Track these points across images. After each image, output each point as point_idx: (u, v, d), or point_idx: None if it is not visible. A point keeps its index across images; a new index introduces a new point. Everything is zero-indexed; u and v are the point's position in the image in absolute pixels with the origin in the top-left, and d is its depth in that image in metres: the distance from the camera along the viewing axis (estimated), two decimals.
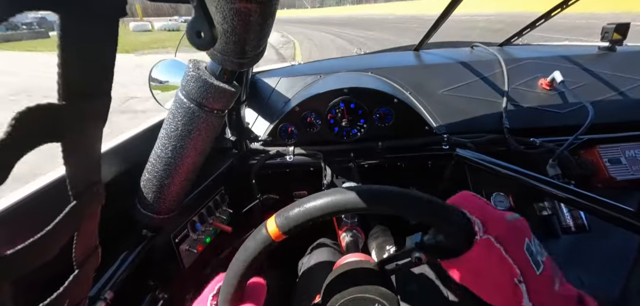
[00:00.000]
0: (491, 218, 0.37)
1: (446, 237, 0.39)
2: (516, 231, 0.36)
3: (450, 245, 0.39)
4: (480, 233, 0.36)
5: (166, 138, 0.56)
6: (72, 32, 0.20)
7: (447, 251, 0.39)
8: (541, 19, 1.24)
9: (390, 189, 0.36)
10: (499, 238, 0.35)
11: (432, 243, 0.41)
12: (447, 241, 0.39)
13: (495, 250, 0.35)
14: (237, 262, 0.40)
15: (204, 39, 0.35)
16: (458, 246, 0.38)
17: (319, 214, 0.37)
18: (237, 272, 0.40)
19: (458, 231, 0.37)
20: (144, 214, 0.62)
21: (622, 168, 0.89)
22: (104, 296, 0.54)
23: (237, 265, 0.40)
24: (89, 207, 0.30)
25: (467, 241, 0.37)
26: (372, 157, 1.08)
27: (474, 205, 0.39)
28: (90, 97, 0.23)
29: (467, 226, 0.37)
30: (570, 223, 0.86)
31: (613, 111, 1.03)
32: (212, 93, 0.52)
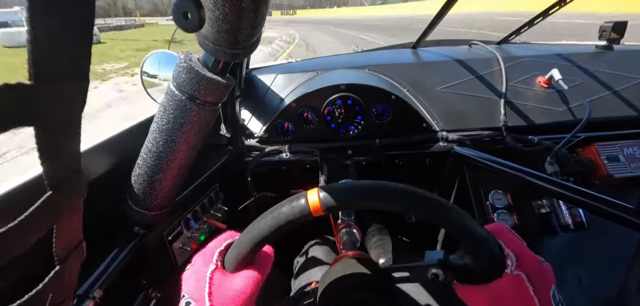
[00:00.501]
0: (525, 256, 0.37)
1: (476, 261, 0.39)
2: (546, 276, 0.37)
3: (478, 270, 0.38)
4: (512, 268, 0.36)
5: (157, 132, 0.55)
6: (43, 5, 0.18)
7: (472, 275, 0.39)
8: (539, 17, 1.23)
9: (439, 200, 0.36)
10: (530, 277, 0.35)
11: (458, 264, 0.41)
12: (475, 266, 0.39)
13: (524, 288, 0.35)
14: (261, 225, 0.38)
15: (191, 20, 0.34)
16: (486, 274, 0.37)
17: (366, 202, 0.36)
18: (259, 236, 0.38)
19: (492, 259, 0.37)
20: (136, 210, 0.60)
21: (620, 165, 0.88)
22: (93, 295, 0.52)
23: (260, 228, 0.38)
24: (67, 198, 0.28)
25: (497, 271, 0.36)
26: (369, 154, 1.07)
27: (509, 239, 0.39)
28: (64, 78, 0.22)
29: (501, 256, 0.37)
30: (568, 220, 0.85)
31: (611, 109, 1.02)
32: (204, 86, 0.50)
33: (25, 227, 0.24)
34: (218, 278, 0.39)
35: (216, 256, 0.40)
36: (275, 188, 1.18)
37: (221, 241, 0.43)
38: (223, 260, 0.41)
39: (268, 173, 1.11)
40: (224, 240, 0.43)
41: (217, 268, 0.40)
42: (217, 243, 0.43)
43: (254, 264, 0.41)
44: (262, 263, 0.43)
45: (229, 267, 0.40)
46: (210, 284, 0.38)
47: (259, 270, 0.42)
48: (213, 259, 0.40)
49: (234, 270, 0.40)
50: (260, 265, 0.43)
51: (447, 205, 0.36)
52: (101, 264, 0.57)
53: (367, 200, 0.36)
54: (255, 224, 0.39)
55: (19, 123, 0.20)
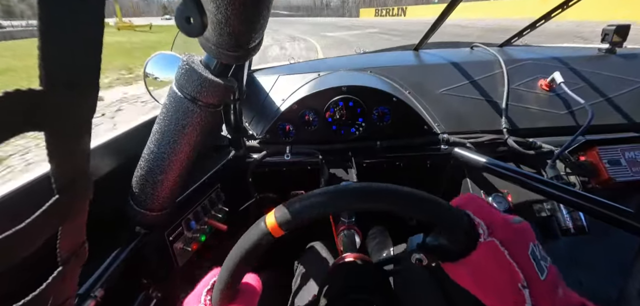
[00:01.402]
0: (496, 221, 0.37)
1: (449, 239, 0.39)
2: (521, 236, 0.36)
3: (453, 246, 0.38)
4: (485, 236, 0.36)
5: (159, 134, 0.55)
6: (54, 12, 0.19)
7: (449, 253, 0.39)
8: (541, 20, 1.23)
9: (393, 187, 0.36)
10: (504, 241, 0.35)
11: (435, 245, 0.41)
12: (449, 243, 0.39)
13: (499, 253, 0.34)
14: (232, 256, 0.39)
15: (194, 25, 0.34)
16: (461, 248, 0.37)
17: (319, 211, 0.36)
18: (232, 267, 0.39)
19: (461, 233, 0.36)
20: (137, 211, 0.60)
21: (621, 169, 0.88)
22: (94, 294, 0.53)
23: (232, 260, 0.39)
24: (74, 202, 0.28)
25: (470, 243, 0.36)
26: (370, 156, 1.07)
27: (478, 207, 0.38)
28: (74, 84, 0.22)
29: (471, 227, 0.36)
30: (569, 224, 0.85)
31: (613, 112, 1.02)
32: (206, 88, 0.51)
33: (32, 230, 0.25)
34: None
35: (204, 296, 0.42)
36: (276, 189, 1.19)
37: (208, 280, 0.44)
38: (212, 299, 0.42)
39: (269, 175, 1.11)
40: (210, 278, 0.44)
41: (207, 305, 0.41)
42: (204, 284, 0.44)
43: (240, 296, 0.43)
44: (250, 291, 0.44)
45: (217, 304, 0.41)
46: None
47: (248, 298, 0.43)
48: (201, 299, 0.41)
49: (226, 303, 0.41)
50: (247, 295, 0.44)
51: (406, 192, 0.36)
52: (102, 264, 0.58)
53: (321, 209, 0.36)
54: (228, 259, 0.40)
55: (30, 128, 0.20)
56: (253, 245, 0.38)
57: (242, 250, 0.39)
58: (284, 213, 0.37)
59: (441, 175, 1.15)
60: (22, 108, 0.19)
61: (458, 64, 1.18)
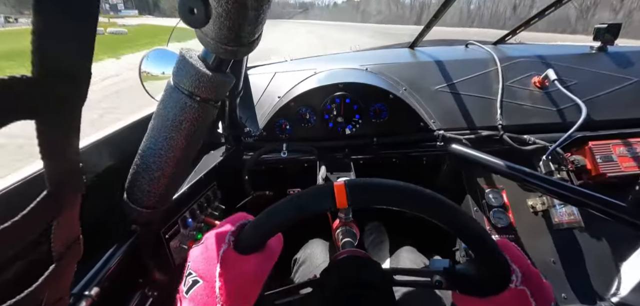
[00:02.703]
0: (530, 272, 0.38)
1: (481, 273, 0.39)
2: (547, 293, 0.38)
3: (482, 282, 0.39)
4: (517, 282, 0.37)
5: (156, 130, 0.54)
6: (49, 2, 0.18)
7: (476, 287, 0.40)
8: (535, 17, 1.25)
9: (457, 209, 0.37)
10: (534, 293, 0.36)
11: (464, 274, 0.41)
12: (480, 277, 0.39)
13: (527, 303, 0.36)
14: (281, 208, 0.38)
15: (197, 16, 0.34)
16: (491, 286, 0.38)
17: (390, 201, 0.36)
18: (279, 219, 0.38)
19: (498, 272, 0.37)
20: (133, 208, 0.60)
21: (613, 164, 0.90)
22: (89, 293, 0.52)
23: (282, 211, 0.38)
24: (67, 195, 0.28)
25: (501, 284, 0.37)
26: (367, 152, 1.07)
27: (515, 254, 0.40)
28: (67, 73, 0.22)
29: (507, 270, 0.37)
30: (563, 218, 0.87)
31: (604, 109, 1.04)
32: (204, 83, 0.50)
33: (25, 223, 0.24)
34: (230, 259, 0.38)
35: (229, 236, 0.39)
36: (272, 187, 1.18)
37: (235, 221, 0.42)
38: (235, 240, 0.39)
39: (266, 172, 1.10)
40: (237, 219, 0.42)
41: (230, 247, 0.39)
42: (229, 224, 0.42)
43: (265, 249, 0.41)
44: (273, 249, 0.43)
45: (242, 249, 0.39)
46: (222, 265, 0.37)
47: (270, 255, 0.41)
48: (226, 239, 0.39)
49: (247, 253, 0.39)
50: (271, 250, 0.42)
51: (463, 214, 0.37)
52: (97, 262, 0.57)
53: (392, 201, 0.36)
54: (274, 208, 0.38)
55: (21, 116, 0.20)
56: (311, 205, 0.37)
57: (296, 204, 0.37)
58: (356, 186, 0.36)
59: (437, 172, 1.16)
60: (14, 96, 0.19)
61: (453, 61, 1.19)
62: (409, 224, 1.23)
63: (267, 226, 0.38)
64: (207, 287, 0.36)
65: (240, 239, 0.39)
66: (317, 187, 0.38)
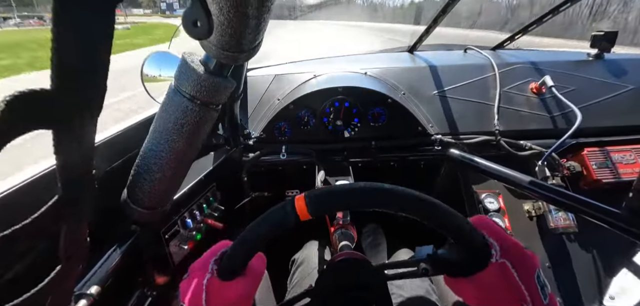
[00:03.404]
0: (508, 243, 0.39)
1: (462, 254, 0.40)
2: (530, 261, 0.38)
3: (464, 262, 0.40)
4: (497, 256, 0.37)
5: (158, 132, 0.55)
6: (67, 16, 0.19)
7: (458, 268, 0.40)
8: (534, 24, 1.26)
9: (420, 195, 0.37)
10: (514, 264, 0.37)
11: (445, 258, 0.42)
12: (461, 258, 0.40)
13: (509, 274, 0.36)
14: (252, 230, 0.39)
15: (201, 29, 0.34)
16: (472, 265, 0.39)
17: (349, 203, 0.37)
18: (250, 241, 0.39)
19: (477, 250, 0.38)
20: (134, 208, 0.60)
21: (609, 171, 0.91)
22: (90, 292, 0.52)
23: (251, 234, 0.39)
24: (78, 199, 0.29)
25: (482, 261, 0.38)
26: (365, 156, 1.08)
27: (492, 229, 0.40)
28: (84, 85, 0.23)
29: (485, 247, 0.38)
30: (558, 223, 0.88)
31: (601, 116, 1.05)
32: (206, 87, 0.51)
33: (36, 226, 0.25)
34: (214, 287, 0.40)
35: (211, 265, 0.41)
36: (271, 188, 1.19)
37: (216, 250, 0.44)
38: (219, 268, 0.41)
39: (265, 174, 1.11)
40: (218, 249, 0.44)
41: (213, 276, 0.40)
42: (212, 253, 0.43)
43: (248, 271, 0.43)
44: (256, 270, 0.44)
45: (224, 276, 0.41)
46: (207, 293, 0.39)
47: (254, 277, 0.43)
48: (209, 268, 0.41)
49: (229, 279, 0.41)
50: (254, 271, 0.44)
51: (432, 201, 0.37)
52: (98, 262, 0.58)
53: (353, 204, 0.37)
54: (245, 232, 0.40)
55: (39, 126, 0.20)
56: (276, 223, 0.38)
57: (263, 225, 0.38)
58: (315, 197, 0.37)
59: (435, 175, 1.17)
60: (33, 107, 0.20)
61: (452, 66, 1.20)
62: (406, 226, 1.24)
63: (242, 251, 0.40)
64: None
65: (222, 267, 0.41)
66: (280, 204, 0.39)
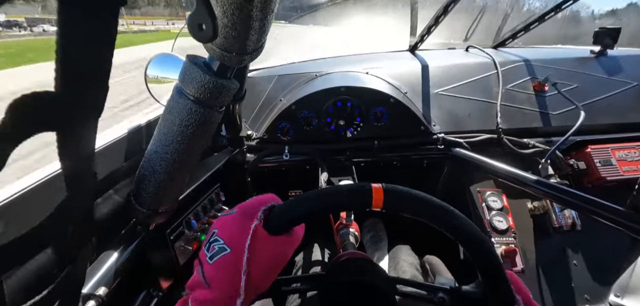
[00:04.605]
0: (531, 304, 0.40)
1: (487, 298, 0.40)
2: None
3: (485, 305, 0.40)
4: None
5: (162, 134, 0.55)
6: (72, 20, 0.19)
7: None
8: (535, 22, 1.26)
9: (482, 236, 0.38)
10: None
11: (469, 296, 0.42)
12: (484, 302, 0.41)
13: None
14: (319, 196, 0.39)
15: (206, 32, 0.35)
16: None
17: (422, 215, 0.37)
18: (313, 205, 0.39)
19: (503, 300, 0.39)
20: (139, 210, 0.61)
21: (612, 168, 0.91)
22: (97, 293, 0.53)
23: (317, 199, 0.39)
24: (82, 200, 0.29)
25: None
26: (368, 155, 1.08)
27: (519, 286, 0.41)
28: (87, 87, 0.23)
29: (511, 299, 0.39)
30: (562, 222, 0.88)
31: (604, 113, 1.05)
32: (210, 89, 0.51)
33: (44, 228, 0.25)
34: (259, 235, 0.38)
35: (260, 214, 0.40)
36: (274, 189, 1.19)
37: (265, 200, 0.42)
38: (265, 219, 0.40)
39: (268, 174, 1.12)
40: (267, 200, 0.43)
41: (260, 224, 0.39)
42: (260, 202, 0.42)
43: (291, 234, 0.42)
44: (297, 236, 0.43)
45: (271, 229, 0.39)
46: (252, 238, 0.37)
47: (294, 241, 0.42)
48: (257, 215, 0.39)
49: (275, 233, 0.39)
50: (296, 236, 0.43)
51: (485, 241, 0.38)
52: (105, 263, 0.58)
53: (423, 215, 0.38)
54: (308, 195, 0.39)
55: (44, 128, 0.21)
56: (348, 199, 0.38)
57: (333, 195, 0.38)
58: (393, 191, 0.37)
59: (438, 174, 1.17)
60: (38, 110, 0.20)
61: (453, 65, 1.20)
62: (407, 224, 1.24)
63: (299, 212, 0.39)
64: (234, 256, 0.36)
65: (271, 219, 0.40)
66: (356, 184, 0.39)
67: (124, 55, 12.01)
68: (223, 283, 0.35)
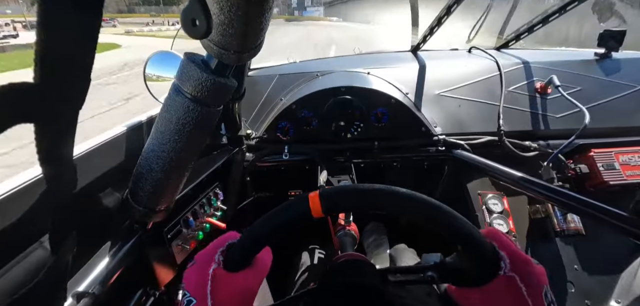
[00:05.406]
0: (518, 258, 0.38)
1: (471, 264, 0.40)
2: (538, 277, 0.38)
3: (472, 272, 0.39)
4: (506, 270, 0.37)
5: (160, 132, 0.55)
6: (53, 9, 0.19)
7: (466, 277, 0.40)
8: (539, 24, 1.24)
9: (434, 202, 0.37)
10: (523, 278, 0.36)
11: (454, 267, 0.42)
12: (469, 268, 0.40)
13: (517, 289, 0.36)
14: (263, 223, 0.39)
15: (199, 28, 0.34)
16: (481, 276, 0.38)
17: (362, 204, 0.37)
18: (260, 234, 0.39)
19: (485, 261, 0.38)
20: (136, 208, 0.61)
21: (615, 173, 0.89)
22: (93, 291, 0.53)
23: (262, 227, 0.39)
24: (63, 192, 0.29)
25: (491, 273, 0.37)
26: (368, 156, 1.08)
27: (502, 242, 0.40)
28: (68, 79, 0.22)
29: (494, 258, 0.38)
30: (564, 226, 0.87)
31: (608, 116, 1.03)
32: (207, 88, 0.51)
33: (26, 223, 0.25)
34: (219, 277, 0.39)
35: (218, 256, 0.41)
36: (273, 189, 1.19)
37: (223, 241, 0.43)
38: (225, 259, 0.41)
39: (267, 174, 1.11)
40: (225, 239, 0.44)
41: (219, 267, 0.40)
42: (219, 243, 0.43)
43: (254, 264, 0.42)
44: (262, 263, 0.44)
45: (231, 267, 0.40)
46: (212, 283, 0.38)
47: (259, 270, 0.43)
48: (215, 258, 0.40)
49: (235, 270, 0.40)
50: (260, 264, 0.43)
51: (445, 209, 0.37)
52: (101, 261, 0.58)
53: (364, 203, 0.37)
54: (256, 224, 0.40)
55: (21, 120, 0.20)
56: (288, 218, 0.38)
57: (274, 219, 0.39)
58: (329, 195, 0.37)
59: (438, 176, 1.17)
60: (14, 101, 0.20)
61: (455, 66, 1.19)
62: (408, 226, 1.23)
63: (251, 243, 0.40)
64: None
65: (228, 257, 0.41)
66: (293, 199, 0.39)
67: None
68: None
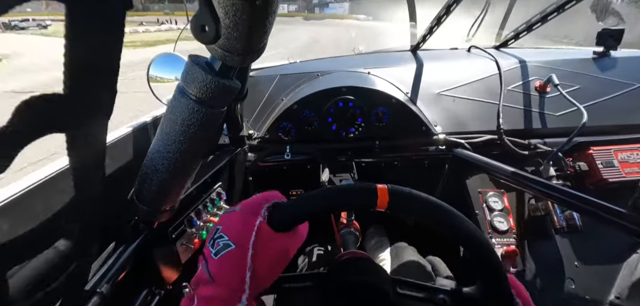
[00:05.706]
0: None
1: (487, 300, 0.41)
2: None
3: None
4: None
5: (165, 133, 0.56)
6: (79, 22, 0.20)
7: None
8: (538, 22, 1.25)
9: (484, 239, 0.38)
10: None
11: (469, 297, 0.43)
12: (484, 303, 0.41)
13: None
14: (323, 194, 0.39)
15: (208, 33, 0.35)
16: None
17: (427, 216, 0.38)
18: (315, 205, 0.39)
19: (503, 302, 0.39)
20: (142, 208, 0.61)
21: (614, 170, 0.90)
22: (100, 290, 0.54)
23: (320, 197, 0.39)
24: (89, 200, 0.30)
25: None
26: (369, 155, 1.09)
27: (519, 289, 0.41)
28: (95, 89, 0.23)
29: (511, 301, 0.39)
30: (563, 223, 0.87)
31: (606, 114, 1.04)
32: (211, 89, 0.51)
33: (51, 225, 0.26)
34: (264, 231, 0.38)
35: (264, 211, 0.40)
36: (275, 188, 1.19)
37: (269, 197, 0.42)
38: (269, 216, 0.40)
39: (269, 173, 1.12)
40: (271, 197, 0.43)
41: (264, 222, 0.39)
42: (265, 198, 0.42)
43: (294, 232, 0.42)
44: (300, 234, 0.43)
45: (275, 226, 0.39)
46: (257, 235, 0.37)
47: (297, 239, 0.42)
48: (261, 212, 0.40)
49: (278, 230, 0.39)
50: (299, 234, 0.43)
51: (487, 244, 0.38)
52: (108, 260, 0.59)
53: (428, 217, 0.38)
54: (312, 194, 0.40)
55: (52, 130, 0.21)
56: (349, 202, 0.38)
57: (335, 197, 0.39)
58: (397, 192, 0.38)
59: (439, 175, 1.17)
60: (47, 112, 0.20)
61: (455, 65, 1.20)
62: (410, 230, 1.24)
63: (302, 210, 0.40)
64: (239, 252, 0.36)
65: (275, 216, 0.40)
66: (360, 184, 0.39)
67: None
68: (228, 278, 0.35)
